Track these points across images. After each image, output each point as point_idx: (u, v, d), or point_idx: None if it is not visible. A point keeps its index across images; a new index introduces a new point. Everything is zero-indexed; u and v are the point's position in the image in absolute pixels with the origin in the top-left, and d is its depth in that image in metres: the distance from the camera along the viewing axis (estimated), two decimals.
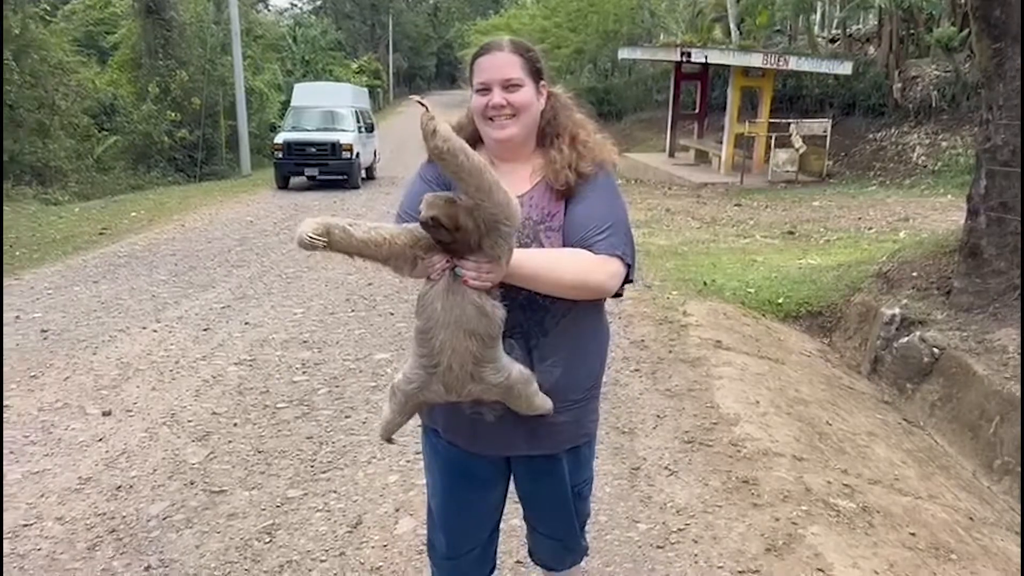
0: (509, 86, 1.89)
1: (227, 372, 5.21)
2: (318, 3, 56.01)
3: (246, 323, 6.40)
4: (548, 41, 27.73)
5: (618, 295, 1.97)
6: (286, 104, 22.38)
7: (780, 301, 6.84)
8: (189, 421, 4.38)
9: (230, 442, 4.09)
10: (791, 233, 10.86)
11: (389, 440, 2.04)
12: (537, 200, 1.93)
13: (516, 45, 1.93)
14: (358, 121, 17.56)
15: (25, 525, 3.28)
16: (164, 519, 3.33)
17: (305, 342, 5.85)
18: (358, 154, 16.49)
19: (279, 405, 4.61)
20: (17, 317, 6.63)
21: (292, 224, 11.62)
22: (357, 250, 1.70)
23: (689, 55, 18.10)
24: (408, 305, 6.57)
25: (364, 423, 4.33)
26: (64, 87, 19.57)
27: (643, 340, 5.66)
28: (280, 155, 16.28)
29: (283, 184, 16.52)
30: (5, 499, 3.51)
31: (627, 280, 1.95)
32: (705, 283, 7.42)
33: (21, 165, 16.35)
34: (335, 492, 3.55)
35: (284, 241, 10.38)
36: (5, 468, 3.81)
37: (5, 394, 4.82)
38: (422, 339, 1.80)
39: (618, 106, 26.39)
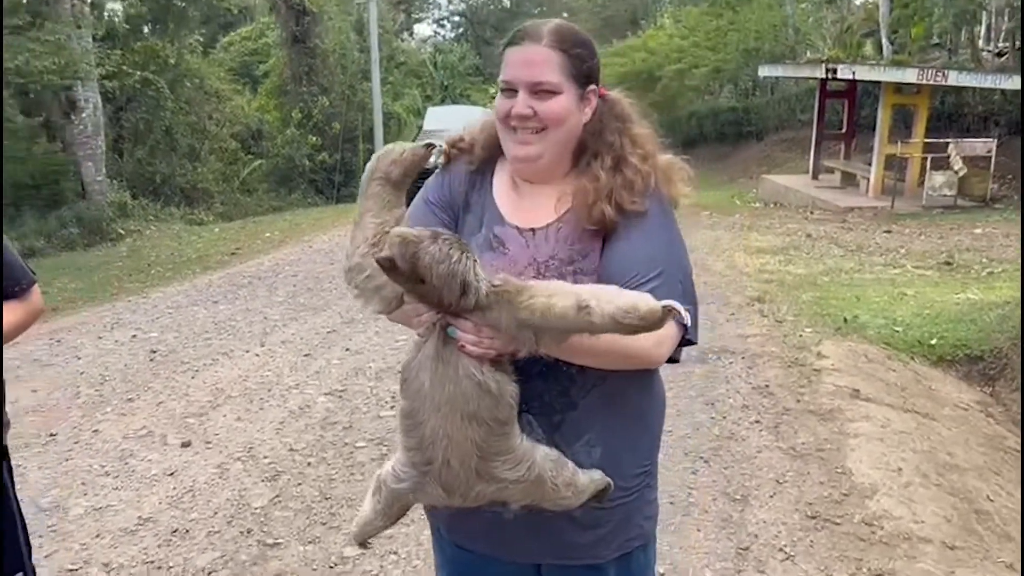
0: (540, 91, 1.44)
1: (315, 403, 4.98)
2: (460, 30, 57.33)
3: (347, 349, 6.19)
4: (685, 60, 26.98)
5: (673, 360, 1.48)
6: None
7: (933, 342, 5.98)
8: (264, 457, 4.14)
9: (299, 484, 3.81)
10: (948, 264, 9.75)
11: (363, 545, 1.62)
12: (567, 234, 1.47)
13: (560, 35, 1.46)
14: None
15: (71, 570, 3.09)
16: (209, 574, 3.05)
17: (400, 372, 5.55)
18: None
19: (358, 444, 4.30)
20: (134, 336, 6.72)
21: None
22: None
23: (835, 71, 16.97)
24: None
25: None
26: (218, 113, 20.72)
27: (767, 386, 5.01)
28: None
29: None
30: (63, 536, 3.36)
31: (686, 342, 1.47)
32: (845, 319, 6.63)
33: (172, 187, 17.25)
34: (395, 554, 3.17)
35: None
36: (74, 501, 3.68)
37: (98, 418, 4.77)
38: (408, 425, 1.39)
39: (759, 126, 25.24)
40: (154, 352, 6.19)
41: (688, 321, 1.37)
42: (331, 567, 3.08)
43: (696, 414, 4.60)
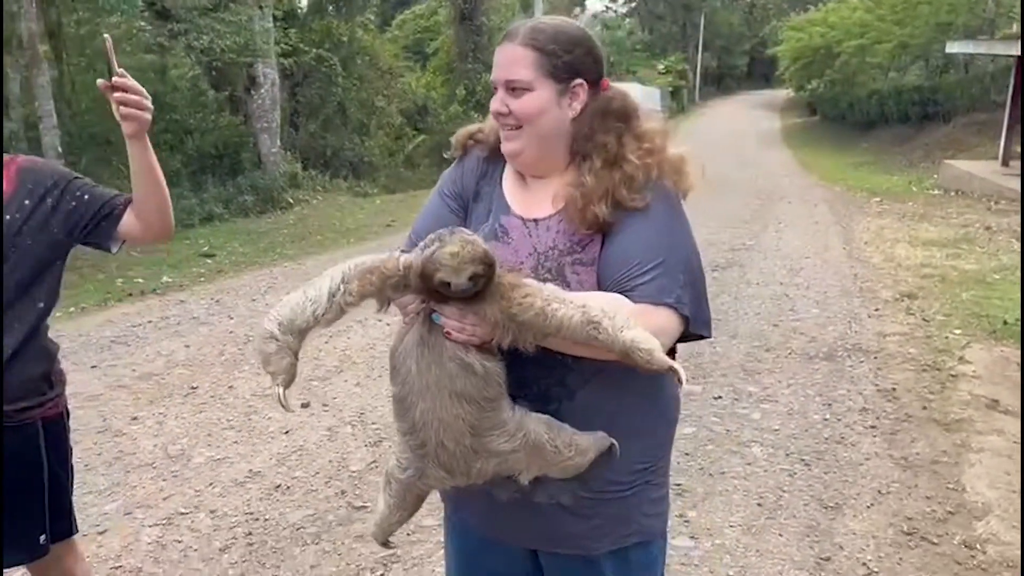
0: (513, 88, 1.46)
1: None
2: (632, 5, 56.45)
3: None
4: (868, 36, 25.29)
5: (672, 350, 1.45)
6: None
7: None
8: (373, 424, 4.36)
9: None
10: None
11: (386, 544, 1.66)
12: (567, 225, 1.46)
13: (534, 33, 1.46)
14: None
15: (182, 513, 3.41)
16: (298, 529, 3.27)
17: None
18: None
19: None
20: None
21: None
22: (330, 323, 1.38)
23: None
24: None
25: None
26: (388, 89, 21.58)
27: (894, 389, 4.70)
28: None
29: None
30: (182, 482, 3.70)
31: (697, 335, 1.46)
32: (1005, 322, 6.08)
33: (340, 159, 18.19)
34: None
35: None
36: (198, 451, 4.04)
37: (235, 376, 5.18)
38: (399, 410, 1.43)
39: (946, 107, 23.23)
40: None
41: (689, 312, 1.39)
42: (408, 535, 3.21)
43: (809, 414, 4.39)
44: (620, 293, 1.39)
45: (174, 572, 2.98)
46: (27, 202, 1.89)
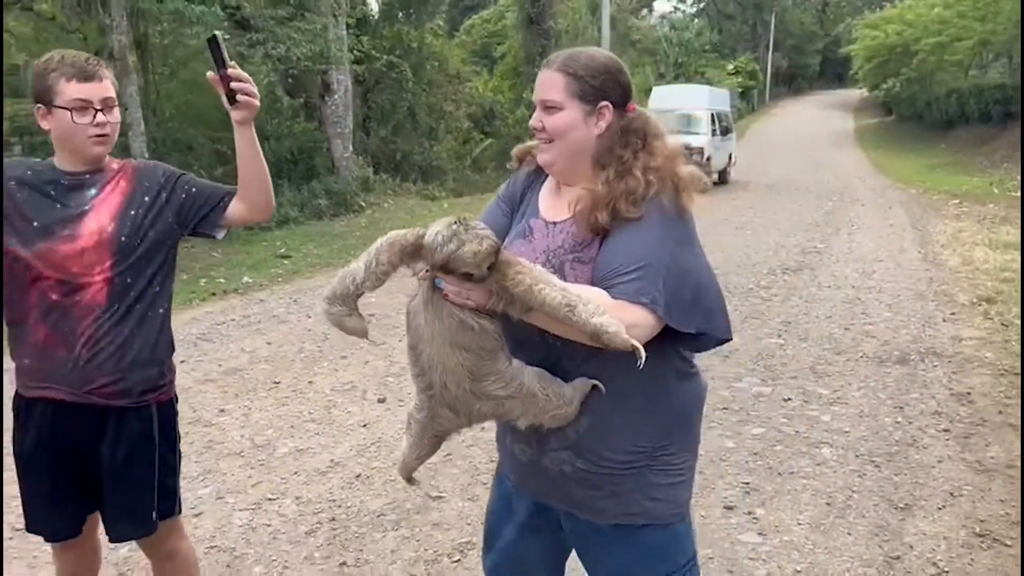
0: (547, 107, 1.68)
1: None
2: (701, 5, 55.89)
3: None
4: (947, 33, 24.55)
5: (686, 346, 1.66)
6: None
7: None
8: None
9: (470, 446, 4.12)
10: None
11: (409, 480, 1.90)
12: (575, 229, 1.67)
13: (567, 62, 1.68)
14: (713, 124, 17.17)
15: (270, 499, 3.61)
16: (378, 516, 3.44)
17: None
18: (709, 158, 16.08)
19: None
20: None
21: None
22: (373, 289, 1.59)
23: None
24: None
25: None
26: (456, 94, 21.88)
27: (969, 393, 4.64)
28: None
29: None
30: (268, 470, 3.91)
31: (719, 341, 1.65)
32: None
33: (410, 163, 18.55)
34: None
35: None
36: (282, 441, 4.26)
37: (315, 371, 5.41)
38: (412, 356, 1.64)
39: None
40: (372, 315, 6.81)
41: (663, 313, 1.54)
42: (482, 523, 3.34)
43: (880, 417, 4.38)
44: (604, 289, 1.55)
45: (264, 553, 3.18)
46: (146, 198, 2.12)
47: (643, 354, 1.47)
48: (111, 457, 2.12)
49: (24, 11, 12.70)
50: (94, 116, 2.04)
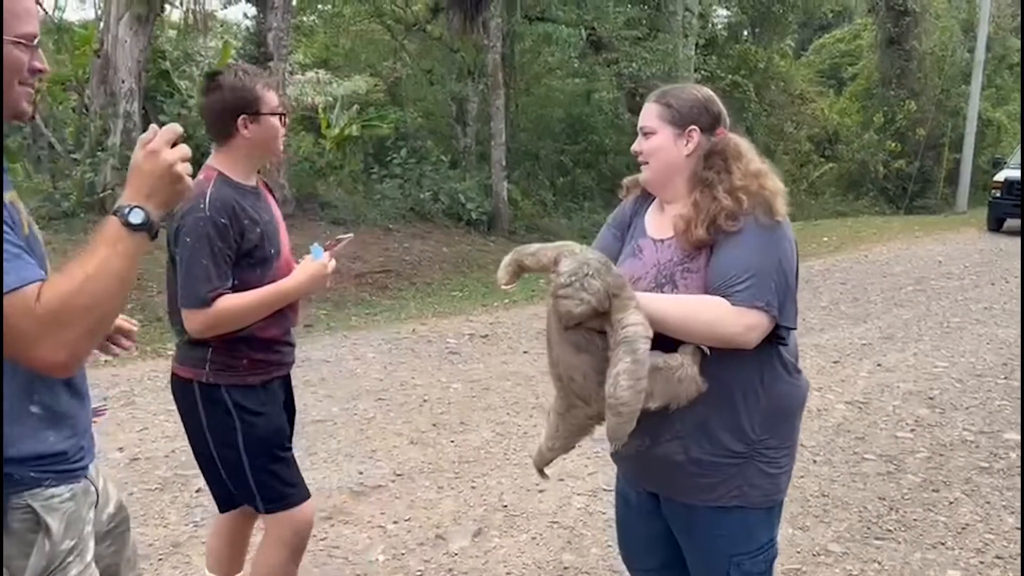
0: (645, 133, 1.93)
1: (834, 408, 5.14)
2: None
3: (878, 364, 6.16)
4: None
5: (780, 342, 1.81)
6: None
7: None
8: None
9: (801, 477, 4.08)
10: None
11: (542, 473, 2.04)
12: (678, 244, 1.87)
13: (662, 94, 1.94)
14: None
15: (605, 490, 3.88)
16: None
17: (930, 399, 5.36)
18: None
19: (867, 455, 4.39)
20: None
21: (983, 271, 10.54)
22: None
23: None
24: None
25: (951, 503, 3.84)
26: (798, 115, 21.18)
27: None
28: (998, 194, 14.71)
29: (996, 226, 14.84)
30: (606, 462, 4.19)
31: (787, 329, 1.81)
32: None
33: None
34: (877, 563, 3.27)
35: (966, 287, 9.50)
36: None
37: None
38: (549, 353, 1.81)
39: None
40: None
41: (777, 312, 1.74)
42: (814, 555, 3.33)
43: None
44: (723, 298, 1.73)
45: (601, 537, 3.45)
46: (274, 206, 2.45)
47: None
48: None
49: (416, 31, 14.57)
50: (283, 121, 2.31)
